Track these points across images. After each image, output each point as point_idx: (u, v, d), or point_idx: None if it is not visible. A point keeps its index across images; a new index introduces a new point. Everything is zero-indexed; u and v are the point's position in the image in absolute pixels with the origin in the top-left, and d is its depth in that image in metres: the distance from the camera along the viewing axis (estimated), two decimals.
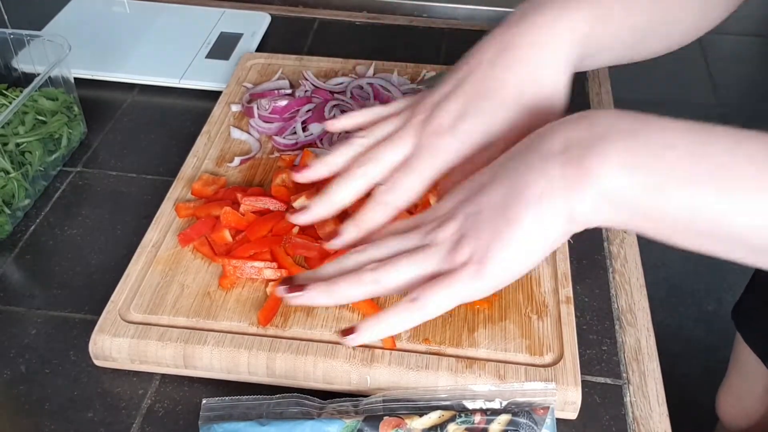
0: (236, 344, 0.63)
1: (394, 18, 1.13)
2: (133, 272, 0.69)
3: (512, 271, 0.49)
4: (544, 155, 0.48)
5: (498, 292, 0.67)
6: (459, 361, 0.62)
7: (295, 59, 0.98)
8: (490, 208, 0.49)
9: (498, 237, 0.48)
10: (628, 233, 0.79)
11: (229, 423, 0.58)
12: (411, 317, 0.51)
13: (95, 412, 0.62)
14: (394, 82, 0.92)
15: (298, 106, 0.87)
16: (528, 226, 0.48)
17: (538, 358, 0.62)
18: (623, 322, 0.70)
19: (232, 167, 0.81)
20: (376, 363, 0.61)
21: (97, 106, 0.94)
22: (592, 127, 0.47)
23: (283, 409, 0.59)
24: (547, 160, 0.48)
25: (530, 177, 0.48)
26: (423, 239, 0.52)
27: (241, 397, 0.60)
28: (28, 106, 0.82)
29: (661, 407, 0.64)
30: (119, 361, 0.64)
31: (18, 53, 0.90)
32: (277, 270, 0.68)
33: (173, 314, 0.65)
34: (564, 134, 0.48)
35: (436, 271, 0.51)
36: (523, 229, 0.48)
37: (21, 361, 0.66)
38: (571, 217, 0.47)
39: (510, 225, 0.48)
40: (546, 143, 0.49)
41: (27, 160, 0.80)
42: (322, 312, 0.66)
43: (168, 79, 0.98)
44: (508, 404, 0.59)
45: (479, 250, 0.49)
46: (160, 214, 0.75)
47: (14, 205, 0.78)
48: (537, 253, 0.49)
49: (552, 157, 0.48)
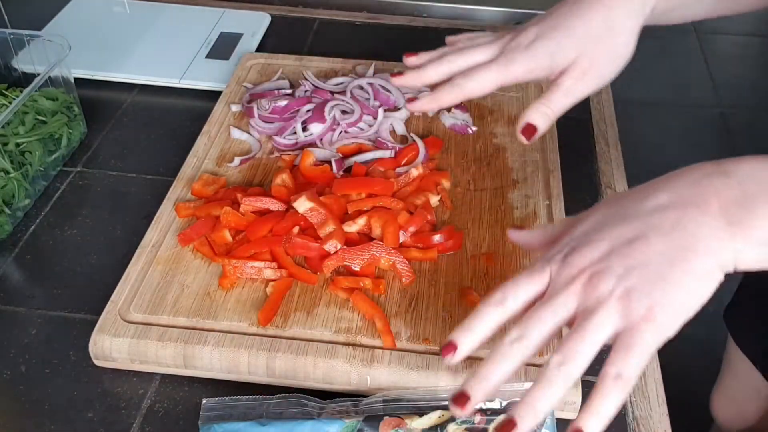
0: (236, 344, 0.63)
1: (394, 18, 1.13)
2: (133, 272, 0.69)
3: (685, 317, 0.49)
4: (703, 211, 0.49)
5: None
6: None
7: (295, 59, 0.98)
8: (656, 260, 0.49)
9: (674, 286, 0.48)
10: None
11: (229, 423, 0.58)
12: (621, 394, 0.48)
13: (95, 412, 0.62)
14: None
15: (298, 106, 0.87)
16: (700, 274, 0.48)
17: (538, 358, 0.62)
18: None
19: (232, 167, 0.81)
20: (376, 363, 0.61)
21: (97, 106, 0.94)
22: (742, 185, 0.49)
23: (283, 409, 0.59)
24: (706, 214, 0.49)
25: (697, 230, 0.49)
26: (578, 302, 0.49)
27: (241, 397, 0.60)
28: (28, 106, 0.82)
29: (661, 407, 0.64)
30: (119, 361, 0.64)
31: (18, 53, 0.90)
32: (277, 270, 0.68)
33: (173, 314, 0.65)
34: (715, 194, 0.49)
35: (612, 334, 0.48)
36: (697, 277, 0.48)
37: (21, 361, 0.66)
38: (735, 264, 0.49)
39: (686, 274, 0.48)
40: (699, 200, 0.50)
41: (27, 160, 0.80)
42: (322, 312, 0.66)
43: (168, 79, 0.98)
44: (508, 404, 0.59)
45: (657, 301, 0.48)
46: (160, 214, 0.75)
47: (14, 205, 0.78)
48: (702, 298, 0.49)
49: (711, 216, 0.49)
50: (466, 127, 0.87)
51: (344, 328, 0.64)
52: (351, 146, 0.83)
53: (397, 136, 0.87)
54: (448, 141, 0.85)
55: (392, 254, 0.69)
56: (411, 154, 0.81)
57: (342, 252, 0.68)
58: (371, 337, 0.64)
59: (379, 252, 0.69)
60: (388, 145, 0.83)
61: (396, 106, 0.89)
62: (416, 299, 0.67)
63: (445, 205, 0.76)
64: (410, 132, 0.86)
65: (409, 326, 0.65)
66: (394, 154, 0.82)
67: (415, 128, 0.87)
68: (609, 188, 0.84)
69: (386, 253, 0.69)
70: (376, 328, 0.64)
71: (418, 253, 0.70)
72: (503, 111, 0.90)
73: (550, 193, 0.78)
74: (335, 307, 0.66)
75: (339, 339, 0.64)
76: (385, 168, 0.79)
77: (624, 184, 0.85)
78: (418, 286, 0.68)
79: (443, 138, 0.86)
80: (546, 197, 0.77)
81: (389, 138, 0.85)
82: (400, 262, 0.68)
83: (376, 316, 0.65)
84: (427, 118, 0.89)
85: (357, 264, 0.68)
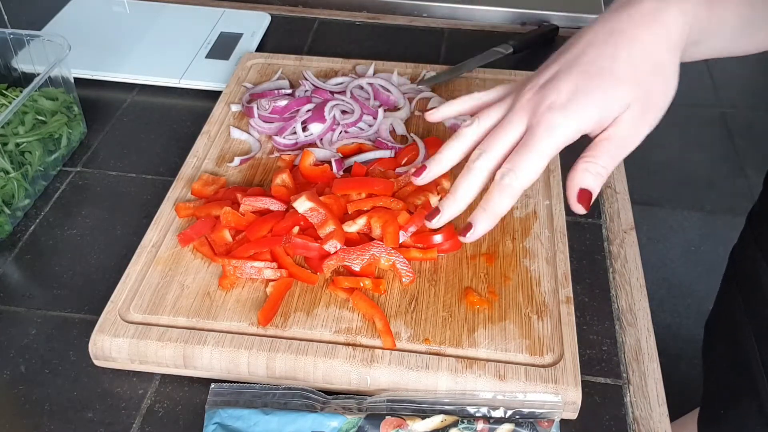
0: (236, 344, 0.63)
1: (394, 18, 1.13)
2: (133, 272, 0.69)
3: None
4: None
5: (498, 292, 0.67)
6: (459, 361, 0.62)
7: (295, 59, 0.98)
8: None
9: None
10: (628, 233, 0.79)
11: (234, 409, 0.59)
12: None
13: (95, 412, 0.62)
14: (394, 82, 0.92)
15: (298, 106, 0.87)
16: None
17: (538, 358, 0.62)
18: (623, 322, 0.70)
19: (232, 167, 0.81)
20: (376, 363, 0.61)
21: (97, 106, 0.94)
22: None
23: (287, 400, 0.60)
24: None
25: None
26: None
27: (248, 384, 0.61)
28: (27, 106, 0.82)
29: (661, 407, 0.64)
30: (119, 361, 0.64)
31: (18, 53, 0.90)
32: (277, 270, 0.68)
33: (173, 314, 0.65)
34: None
35: None
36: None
37: (21, 361, 0.66)
38: None
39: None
40: None
41: (27, 160, 0.80)
42: (322, 312, 0.66)
43: (168, 79, 0.98)
44: (513, 413, 0.59)
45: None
46: (160, 214, 0.75)
47: (14, 205, 0.78)
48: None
49: None
50: None
51: (344, 328, 0.64)
52: (351, 146, 0.83)
53: (397, 136, 0.87)
54: None
55: (392, 254, 0.68)
56: (411, 154, 0.81)
57: (342, 252, 0.68)
58: (371, 337, 0.64)
59: (379, 252, 0.69)
60: (388, 145, 0.83)
61: (396, 106, 0.89)
62: (416, 299, 0.67)
63: None
64: (410, 132, 0.86)
65: (409, 326, 0.65)
66: (394, 154, 0.82)
67: (415, 128, 0.87)
68: (609, 188, 0.84)
69: (386, 253, 0.69)
70: (376, 328, 0.64)
71: (418, 253, 0.70)
72: None
73: (550, 193, 0.78)
74: (335, 307, 0.66)
75: (339, 339, 0.64)
76: (385, 168, 0.79)
77: (624, 184, 0.85)
78: (418, 286, 0.68)
79: (443, 138, 0.85)
80: (546, 197, 0.77)
81: (389, 138, 0.85)
82: (400, 262, 0.68)
83: (376, 316, 0.65)
84: None
85: (357, 264, 0.68)
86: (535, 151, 0.56)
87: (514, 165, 0.56)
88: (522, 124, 0.57)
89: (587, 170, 0.55)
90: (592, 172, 0.55)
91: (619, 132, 0.56)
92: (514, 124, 0.58)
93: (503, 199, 0.57)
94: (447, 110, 0.67)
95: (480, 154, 0.58)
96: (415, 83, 0.94)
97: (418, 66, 0.96)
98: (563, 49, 0.59)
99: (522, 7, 1.13)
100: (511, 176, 0.56)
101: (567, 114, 0.55)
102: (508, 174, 0.56)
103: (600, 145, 0.56)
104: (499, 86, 0.65)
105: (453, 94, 0.92)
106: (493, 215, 0.58)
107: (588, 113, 0.55)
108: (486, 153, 0.58)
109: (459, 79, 0.95)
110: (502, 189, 0.56)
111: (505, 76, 0.94)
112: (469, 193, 0.59)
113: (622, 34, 0.56)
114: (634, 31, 0.56)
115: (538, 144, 0.56)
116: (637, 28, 0.56)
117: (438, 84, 0.94)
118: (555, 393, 0.60)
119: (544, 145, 0.55)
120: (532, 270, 0.70)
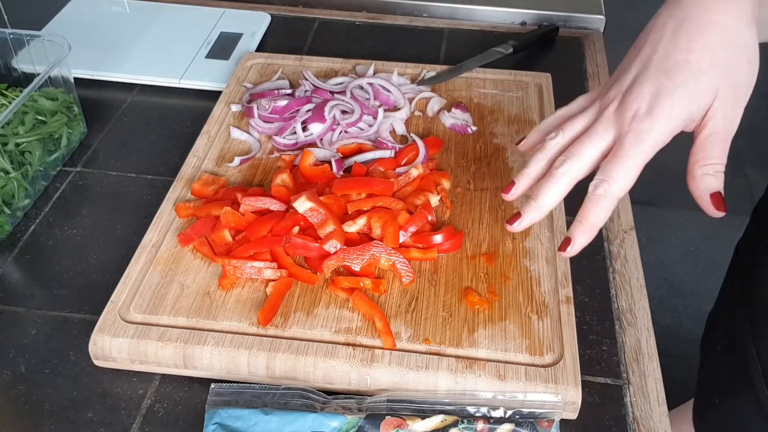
0: (236, 344, 0.63)
1: (394, 18, 1.13)
2: (133, 272, 0.69)
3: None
4: None
5: (498, 292, 0.67)
6: (459, 361, 0.62)
7: (295, 59, 0.98)
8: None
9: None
10: (628, 233, 0.79)
11: (234, 409, 0.59)
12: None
13: (95, 412, 0.62)
14: (394, 82, 0.92)
15: (298, 106, 0.87)
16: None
17: (538, 358, 0.62)
18: (623, 322, 0.70)
19: (232, 167, 0.81)
20: (376, 363, 0.61)
21: (97, 106, 0.94)
22: None
23: (287, 400, 0.60)
24: None
25: None
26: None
27: (248, 384, 0.61)
28: (28, 106, 0.82)
29: (661, 407, 0.64)
30: (119, 361, 0.64)
31: (18, 53, 0.90)
32: (277, 270, 0.68)
33: (173, 314, 0.65)
34: None
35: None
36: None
37: (21, 361, 0.66)
38: None
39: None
40: None
41: (27, 160, 0.80)
42: (322, 312, 0.66)
43: (168, 79, 0.98)
44: (513, 413, 0.59)
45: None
46: (160, 214, 0.75)
47: (14, 205, 0.78)
48: None
49: None
50: (466, 127, 0.87)
51: (344, 328, 0.64)
52: (351, 146, 0.83)
53: (397, 136, 0.87)
54: (448, 141, 0.85)
55: (392, 254, 0.68)
56: (411, 154, 0.81)
57: (342, 252, 0.68)
58: (371, 337, 0.64)
59: (379, 252, 0.69)
60: (388, 145, 0.83)
61: (396, 106, 0.89)
62: (416, 299, 0.67)
63: (445, 205, 0.76)
64: (410, 132, 0.86)
65: (409, 326, 0.65)
66: (394, 154, 0.82)
67: (415, 128, 0.87)
68: None
69: (386, 253, 0.69)
70: (375, 328, 0.64)
71: (418, 253, 0.70)
72: (503, 111, 0.90)
73: None
74: (335, 307, 0.66)
75: (339, 339, 0.64)
76: (385, 168, 0.79)
77: None
78: (418, 286, 0.68)
79: (443, 138, 0.86)
80: None
81: (389, 138, 0.85)
82: (400, 262, 0.68)
83: (376, 316, 0.65)
84: (427, 118, 0.89)
85: (357, 264, 0.68)
86: (628, 160, 0.56)
87: (606, 175, 0.56)
88: (609, 135, 0.58)
89: (707, 173, 0.55)
90: (712, 174, 0.55)
91: (717, 125, 0.55)
92: (600, 134, 0.58)
93: (599, 210, 0.57)
94: (536, 135, 0.66)
95: (564, 161, 0.59)
96: (415, 83, 0.94)
97: (418, 66, 0.96)
98: (636, 47, 0.59)
99: (522, 7, 1.13)
100: (605, 186, 0.56)
101: (654, 120, 0.55)
102: (601, 185, 0.56)
103: (706, 144, 0.55)
104: (579, 97, 0.64)
105: (453, 94, 0.92)
106: (590, 228, 0.58)
107: (675, 113, 0.54)
108: (570, 160, 0.58)
109: (459, 79, 0.95)
110: (597, 200, 0.57)
111: (505, 76, 0.94)
112: (552, 200, 0.59)
113: (693, 21, 0.55)
114: (706, 15, 0.55)
115: (629, 153, 0.56)
116: (709, 12, 0.55)
117: (438, 84, 0.94)
118: (555, 393, 0.60)
119: (636, 154, 0.56)
120: (532, 270, 0.70)
